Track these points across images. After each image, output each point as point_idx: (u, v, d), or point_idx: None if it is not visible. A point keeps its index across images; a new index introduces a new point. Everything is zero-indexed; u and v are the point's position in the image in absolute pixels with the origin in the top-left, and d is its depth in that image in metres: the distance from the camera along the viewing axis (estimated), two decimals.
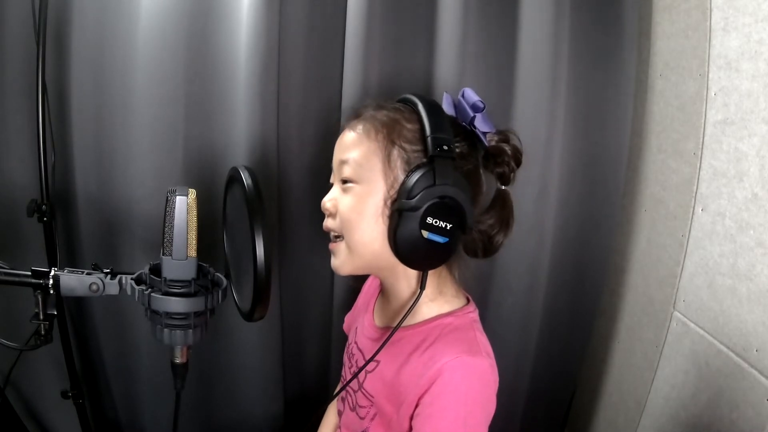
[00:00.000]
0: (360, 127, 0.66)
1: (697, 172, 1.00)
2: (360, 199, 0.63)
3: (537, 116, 1.09)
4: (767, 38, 0.84)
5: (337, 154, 0.68)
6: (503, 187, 0.67)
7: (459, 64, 1.04)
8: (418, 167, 0.60)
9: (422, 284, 0.64)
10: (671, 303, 1.06)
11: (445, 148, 0.59)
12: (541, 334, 1.25)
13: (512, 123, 1.10)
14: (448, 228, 0.59)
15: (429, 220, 0.58)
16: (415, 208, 0.58)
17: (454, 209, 0.59)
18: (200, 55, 0.98)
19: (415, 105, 0.64)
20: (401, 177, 0.62)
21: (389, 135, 0.63)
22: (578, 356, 1.32)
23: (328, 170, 0.71)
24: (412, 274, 0.67)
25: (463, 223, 0.60)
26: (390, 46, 1.04)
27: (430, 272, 0.65)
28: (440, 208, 0.58)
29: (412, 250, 0.60)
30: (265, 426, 1.20)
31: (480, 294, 1.18)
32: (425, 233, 0.59)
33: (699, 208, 1.00)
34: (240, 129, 1.00)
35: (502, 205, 0.67)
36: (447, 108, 0.67)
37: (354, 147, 0.65)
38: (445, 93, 0.70)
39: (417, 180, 0.59)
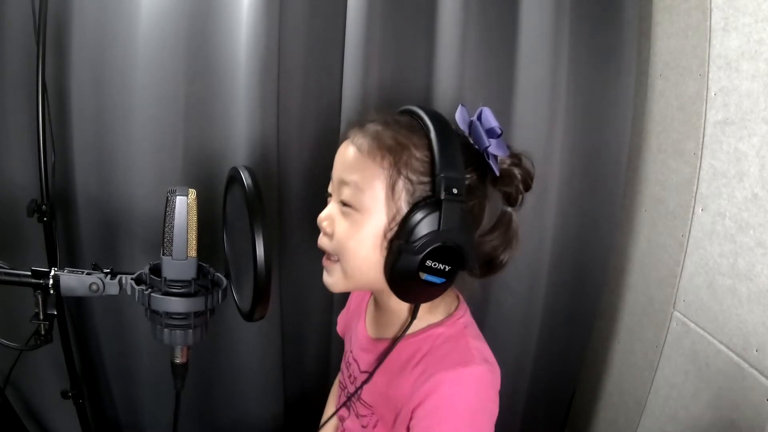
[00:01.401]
0: (365, 146, 0.61)
1: (697, 172, 1.00)
2: (358, 228, 0.61)
3: (537, 116, 1.09)
4: (767, 38, 0.84)
5: (338, 171, 0.64)
6: (509, 209, 0.64)
7: (459, 64, 1.04)
8: (423, 205, 0.56)
9: (413, 314, 0.63)
10: (671, 303, 1.06)
11: (455, 191, 0.55)
12: (541, 334, 1.25)
13: (512, 123, 1.10)
14: (446, 270, 0.57)
15: (428, 263, 0.56)
16: (415, 252, 0.56)
17: (456, 252, 0.57)
18: (200, 55, 0.98)
19: (426, 129, 0.60)
20: (404, 210, 0.58)
21: (396, 163, 0.59)
22: (578, 356, 1.32)
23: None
24: None
25: (463, 264, 0.58)
26: (390, 46, 1.04)
27: None
28: (441, 253, 0.56)
29: (408, 288, 0.59)
30: (265, 426, 1.20)
31: (480, 294, 1.18)
32: (423, 275, 0.57)
33: (699, 208, 1.00)
34: (240, 129, 1.00)
35: (507, 227, 0.65)
36: (461, 123, 0.64)
37: (356, 169, 0.61)
38: (460, 106, 0.65)
39: (420, 221, 0.55)
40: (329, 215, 0.64)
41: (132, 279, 0.64)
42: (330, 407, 0.90)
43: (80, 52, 0.99)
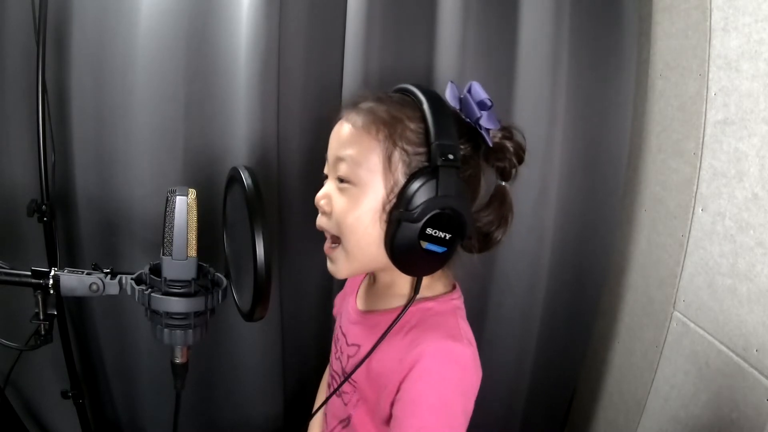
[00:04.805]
0: (359, 122, 0.62)
1: (697, 172, 1.00)
2: (357, 202, 0.61)
3: (537, 116, 1.09)
4: (767, 38, 0.84)
5: (333, 149, 0.65)
6: (503, 183, 0.65)
7: (459, 64, 1.04)
8: (420, 174, 0.57)
9: (416, 288, 0.63)
10: (671, 303, 1.06)
11: (451, 157, 0.56)
12: (541, 334, 1.25)
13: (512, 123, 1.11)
14: (447, 238, 0.57)
15: (429, 231, 0.57)
16: (415, 220, 0.56)
17: (455, 220, 0.57)
18: (200, 55, 0.98)
19: (419, 102, 0.61)
20: (401, 181, 0.59)
21: (391, 135, 0.60)
22: (578, 356, 1.32)
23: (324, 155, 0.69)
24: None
25: (463, 231, 0.58)
26: (390, 47, 1.04)
27: None
28: (441, 220, 0.57)
29: (410, 259, 0.59)
30: (265, 426, 1.20)
31: (480, 294, 1.18)
32: (424, 244, 0.57)
33: (699, 208, 1.00)
34: (240, 129, 1.00)
35: (501, 202, 0.65)
36: (451, 100, 0.64)
37: (352, 144, 0.62)
38: (450, 83, 0.66)
39: (418, 189, 0.56)
40: (326, 193, 0.64)
41: (132, 279, 0.64)
42: (323, 389, 0.89)
43: (80, 52, 0.99)
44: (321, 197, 0.65)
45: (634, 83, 1.14)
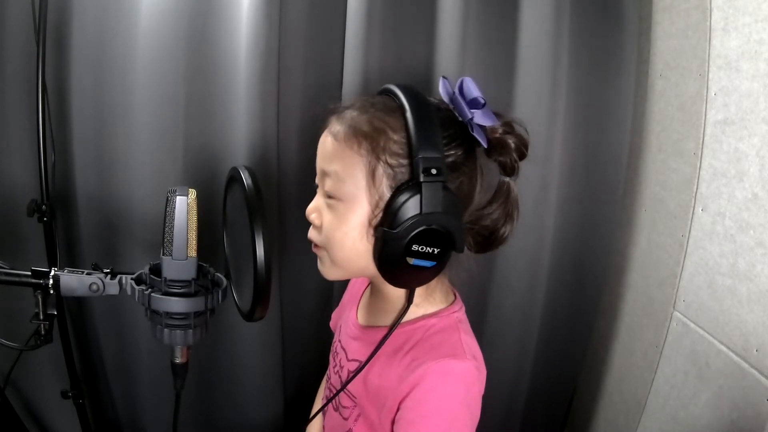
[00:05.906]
0: (341, 134, 0.61)
1: (697, 172, 1.00)
2: (343, 219, 0.60)
3: (537, 116, 1.09)
4: (767, 38, 0.84)
5: (319, 161, 0.65)
6: (506, 179, 0.63)
7: (459, 64, 1.04)
8: (403, 189, 0.56)
9: (409, 299, 0.63)
10: (671, 303, 1.06)
11: (434, 172, 0.54)
12: (541, 334, 1.25)
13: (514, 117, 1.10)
14: (435, 253, 0.56)
15: (414, 247, 0.55)
16: (399, 238, 0.55)
17: (442, 235, 0.56)
18: (200, 55, 0.98)
19: (402, 109, 0.58)
20: (387, 195, 0.58)
21: (374, 149, 0.58)
22: (578, 356, 1.32)
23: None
24: None
25: (452, 244, 0.57)
26: (390, 46, 1.04)
27: None
28: (427, 236, 0.55)
29: (398, 273, 0.58)
30: (265, 426, 1.20)
31: (480, 294, 1.18)
32: (411, 260, 0.56)
33: (699, 208, 1.00)
34: (240, 129, 1.00)
35: (506, 197, 0.63)
36: (444, 96, 0.63)
37: (335, 158, 0.61)
38: (442, 79, 0.64)
39: (402, 206, 0.55)
40: (316, 207, 0.64)
41: (132, 279, 0.63)
42: (318, 401, 0.89)
43: (80, 52, 0.99)
44: (311, 211, 0.65)
45: (634, 83, 1.14)
